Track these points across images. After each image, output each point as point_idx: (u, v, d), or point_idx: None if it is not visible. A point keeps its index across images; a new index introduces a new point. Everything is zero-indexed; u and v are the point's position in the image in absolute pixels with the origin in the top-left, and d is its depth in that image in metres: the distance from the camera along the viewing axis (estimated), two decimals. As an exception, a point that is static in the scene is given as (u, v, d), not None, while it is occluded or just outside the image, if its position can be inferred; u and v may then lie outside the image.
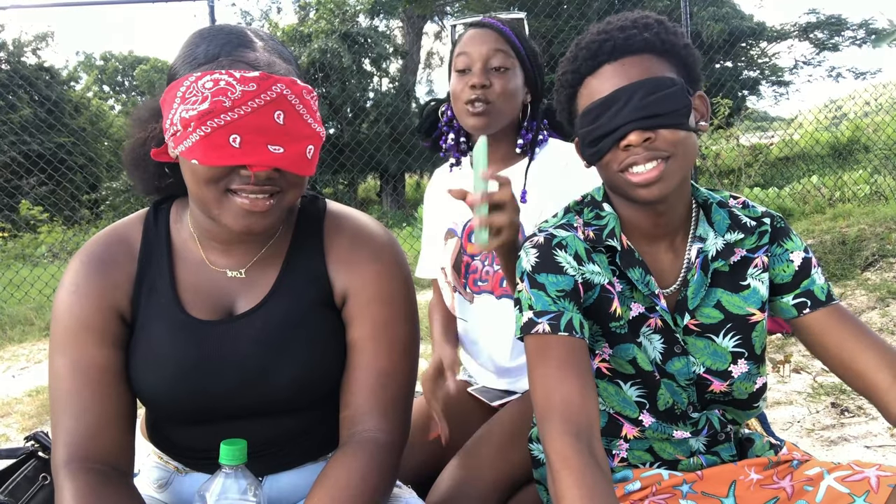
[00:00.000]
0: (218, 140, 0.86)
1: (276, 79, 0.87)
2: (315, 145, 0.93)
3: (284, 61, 0.93)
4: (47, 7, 6.50)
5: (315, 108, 0.93)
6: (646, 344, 1.04)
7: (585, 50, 0.99)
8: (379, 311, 1.02)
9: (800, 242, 1.08)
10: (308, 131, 0.91)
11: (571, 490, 0.82)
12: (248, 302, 1.02)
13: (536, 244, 1.03)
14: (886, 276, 4.27)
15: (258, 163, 0.87)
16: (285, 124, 0.88)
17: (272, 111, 0.87)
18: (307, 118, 0.91)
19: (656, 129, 0.94)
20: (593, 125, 0.98)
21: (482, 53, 1.46)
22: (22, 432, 3.17)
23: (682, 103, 0.95)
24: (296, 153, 0.89)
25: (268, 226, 0.94)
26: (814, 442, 2.40)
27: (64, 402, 0.95)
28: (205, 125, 0.86)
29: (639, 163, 0.95)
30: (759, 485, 1.05)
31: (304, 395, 1.02)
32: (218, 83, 0.85)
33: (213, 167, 0.88)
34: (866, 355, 0.99)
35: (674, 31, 1.00)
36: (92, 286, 0.98)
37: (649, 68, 0.96)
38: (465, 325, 1.61)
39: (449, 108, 1.59)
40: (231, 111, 0.85)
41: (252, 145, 0.86)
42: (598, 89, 0.98)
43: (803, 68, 16.17)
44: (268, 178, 0.90)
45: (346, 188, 14.69)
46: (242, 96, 0.85)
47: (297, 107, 0.89)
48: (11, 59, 15.62)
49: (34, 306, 5.89)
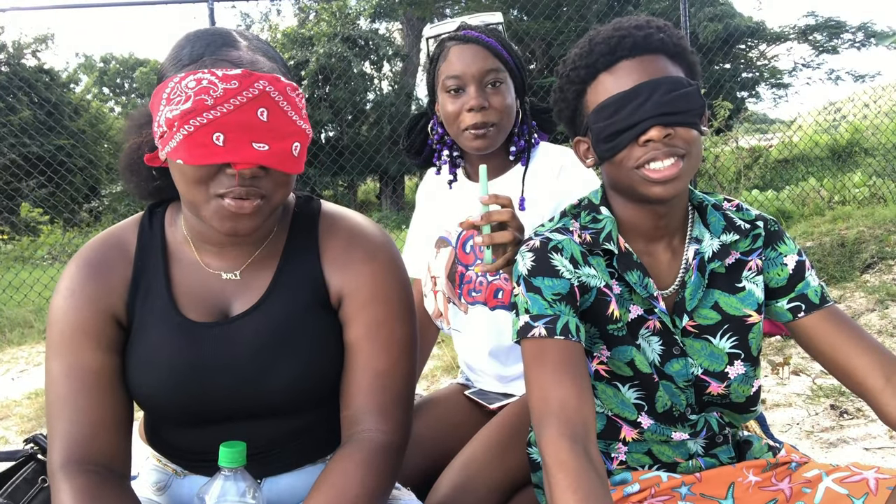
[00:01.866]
0: (201, 139, 0.86)
1: (259, 76, 0.87)
2: (301, 142, 0.92)
3: (269, 59, 0.93)
4: (47, 9, 6.50)
5: (301, 105, 0.92)
6: (644, 346, 1.05)
7: (603, 45, 0.99)
8: (375, 311, 1.02)
9: (793, 246, 1.09)
10: (293, 128, 0.90)
11: (567, 493, 0.82)
12: (244, 304, 1.02)
13: (532, 248, 1.04)
14: (885, 279, 4.27)
15: (242, 160, 0.86)
16: (269, 121, 0.87)
17: (255, 108, 0.86)
18: (292, 115, 0.90)
19: (675, 126, 0.95)
20: (611, 120, 0.97)
21: (474, 74, 1.42)
22: (21, 435, 3.17)
23: (697, 104, 0.96)
24: (281, 150, 0.89)
25: (254, 227, 0.93)
26: (813, 444, 2.40)
27: (60, 406, 0.95)
28: (188, 124, 0.85)
29: (658, 158, 0.95)
30: (758, 487, 1.05)
31: (301, 396, 1.02)
32: (200, 82, 0.85)
33: (199, 167, 0.88)
34: (860, 357, 1.00)
35: (681, 35, 1.01)
36: (87, 290, 0.98)
37: (664, 68, 0.97)
38: (460, 335, 1.61)
39: (438, 126, 1.55)
40: (213, 109, 0.85)
41: (236, 143, 0.86)
42: (613, 85, 0.97)
43: (802, 71, 16.18)
44: (253, 177, 0.89)
45: (346, 190, 14.69)
46: (224, 94, 0.85)
47: (280, 104, 0.88)
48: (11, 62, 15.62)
49: (33, 309, 5.89)
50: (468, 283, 1.53)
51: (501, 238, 1.14)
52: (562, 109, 1.08)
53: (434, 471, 1.36)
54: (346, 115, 14.60)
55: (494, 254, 1.19)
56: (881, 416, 0.99)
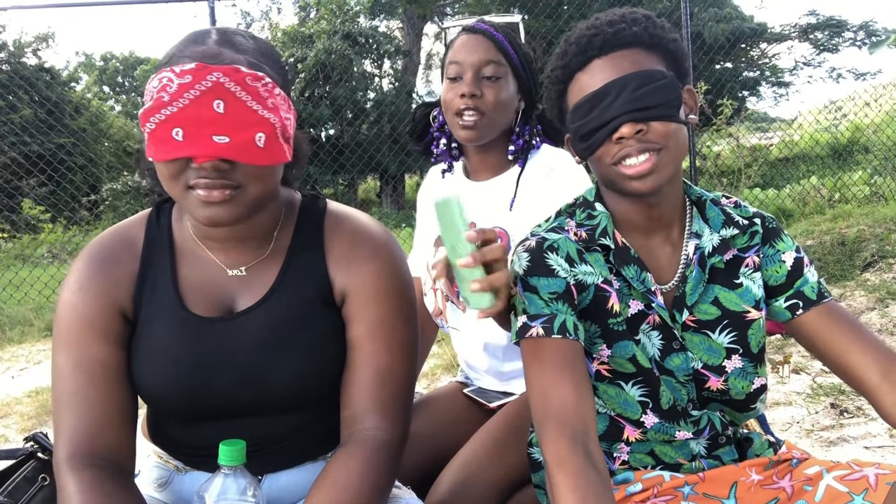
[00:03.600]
0: (162, 135, 0.87)
1: (213, 68, 0.86)
2: (266, 132, 0.90)
3: (238, 52, 0.92)
4: (47, 7, 6.49)
5: (264, 94, 0.90)
6: (644, 341, 1.05)
7: (575, 45, 1.00)
8: (377, 309, 1.02)
9: (791, 242, 1.09)
10: (255, 118, 0.89)
11: (568, 493, 0.83)
12: (249, 299, 1.02)
13: (528, 248, 1.04)
14: (886, 277, 4.27)
15: (201, 153, 0.87)
16: (227, 113, 0.87)
17: (210, 100, 0.86)
18: (253, 105, 0.89)
19: (648, 122, 0.95)
20: (585, 119, 0.98)
21: (473, 62, 1.43)
22: (21, 433, 3.17)
23: (672, 95, 0.96)
24: (243, 142, 0.88)
25: (234, 216, 0.93)
26: (813, 442, 2.40)
27: (67, 399, 0.95)
28: (149, 122, 0.87)
29: (632, 155, 0.96)
30: (760, 485, 1.05)
31: (303, 392, 1.02)
32: (161, 80, 0.87)
33: (168, 163, 0.89)
34: (857, 353, 1.00)
35: (661, 25, 1.00)
36: (95, 284, 0.99)
37: (639, 62, 0.97)
38: (458, 332, 1.61)
39: (440, 113, 1.57)
40: (170, 105, 0.86)
41: (194, 137, 0.86)
42: (588, 84, 0.98)
43: (803, 69, 16.18)
44: (216, 170, 0.89)
45: (346, 189, 14.69)
46: (179, 89, 0.86)
47: (238, 94, 0.87)
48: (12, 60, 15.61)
49: (34, 307, 5.89)
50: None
51: (500, 281, 0.96)
52: (550, 109, 1.09)
53: (434, 469, 1.36)
54: (347, 114, 14.59)
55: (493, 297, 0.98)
56: (879, 412, 0.99)
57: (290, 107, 0.96)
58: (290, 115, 0.96)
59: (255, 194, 0.94)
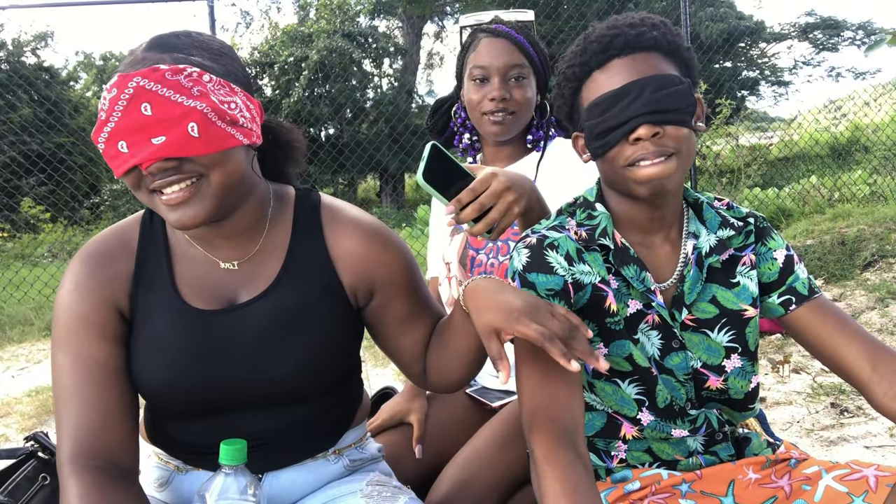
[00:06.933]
0: (111, 151, 0.90)
1: (132, 75, 0.87)
2: (197, 120, 0.89)
3: (165, 51, 0.92)
4: (47, 7, 6.49)
5: (188, 84, 0.89)
6: (643, 340, 1.05)
7: (596, 43, 1.00)
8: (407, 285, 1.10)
9: (781, 241, 1.12)
10: (181, 110, 0.88)
11: (554, 486, 0.85)
12: (251, 291, 1.03)
13: (528, 244, 1.05)
14: (886, 277, 4.27)
15: (144, 159, 0.88)
16: (155, 113, 0.88)
17: (137, 105, 0.87)
18: (177, 98, 0.89)
19: (664, 125, 0.96)
20: (602, 117, 0.98)
21: (499, 67, 1.50)
22: (21, 432, 3.17)
23: (688, 102, 0.97)
24: (178, 136, 0.88)
25: (203, 214, 0.93)
26: (813, 442, 2.40)
27: (67, 398, 0.96)
28: (98, 142, 0.90)
29: (647, 158, 0.97)
30: (758, 484, 1.06)
31: (307, 383, 1.03)
32: (101, 102, 0.90)
33: (125, 176, 0.91)
34: (847, 346, 1.02)
35: (677, 32, 1.02)
36: (91, 283, 1.00)
37: (657, 66, 0.98)
38: None
39: (461, 109, 1.63)
40: (108, 122, 0.89)
41: (135, 145, 0.88)
42: (606, 83, 0.99)
43: (803, 69, 16.19)
44: (162, 170, 0.89)
45: (346, 188, 14.68)
46: (110, 104, 0.88)
47: (160, 92, 0.88)
48: (11, 59, 15.59)
49: (34, 306, 5.89)
50: (479, 266, 1.56)
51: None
52: (560, 106, 1.10)
53: (435, 468, 1.36)
54: (346, 113, 14.59)
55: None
56: (871, 403, 1.01)
57: (232, 90, 0.94)
58: (236, 99, 0.94)
59: (219, 182, 0.93)
